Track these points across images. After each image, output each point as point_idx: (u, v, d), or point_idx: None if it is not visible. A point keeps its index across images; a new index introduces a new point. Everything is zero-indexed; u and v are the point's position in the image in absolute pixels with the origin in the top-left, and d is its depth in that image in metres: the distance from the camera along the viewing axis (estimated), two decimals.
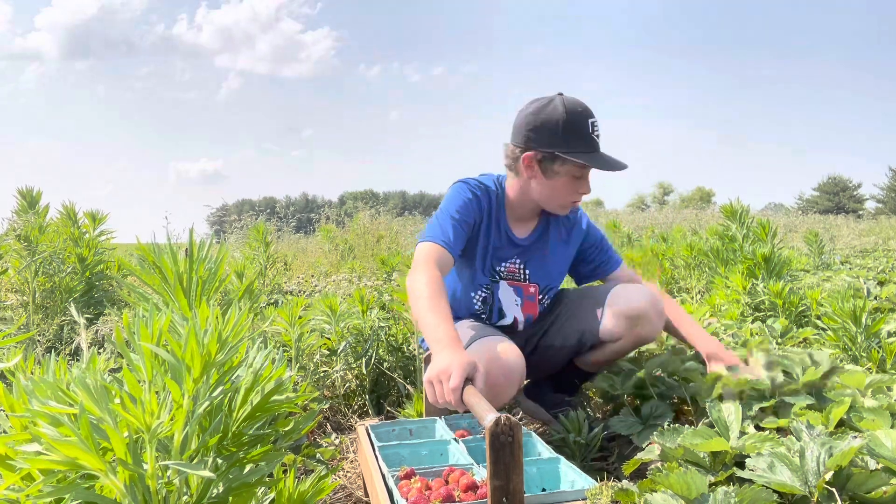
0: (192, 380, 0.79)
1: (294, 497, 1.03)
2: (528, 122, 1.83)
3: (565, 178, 1.84)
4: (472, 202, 1.89)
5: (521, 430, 1.03)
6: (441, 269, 1.76)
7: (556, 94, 1.85)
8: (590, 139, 1.81)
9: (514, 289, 2.01)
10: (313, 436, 2.04)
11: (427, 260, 1.75)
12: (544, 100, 1.85)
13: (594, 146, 1.82)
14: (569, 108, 1.80)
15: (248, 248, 4.60)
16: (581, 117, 1.80)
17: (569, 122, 1.79)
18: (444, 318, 1.58)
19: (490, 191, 1.94)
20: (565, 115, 1.78)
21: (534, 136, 1.82)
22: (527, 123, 1.83)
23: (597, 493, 1.12)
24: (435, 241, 1.80)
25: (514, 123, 1.89)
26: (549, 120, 1.80)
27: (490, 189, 1.95)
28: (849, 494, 1.05)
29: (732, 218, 3.93)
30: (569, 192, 1.87)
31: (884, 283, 3.94)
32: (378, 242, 7.88)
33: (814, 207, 39.49)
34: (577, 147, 1.80)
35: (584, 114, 1.81)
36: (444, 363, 1.43)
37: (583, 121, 1.80)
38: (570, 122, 1.79)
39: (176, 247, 1.04)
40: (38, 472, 0.79)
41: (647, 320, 1.86)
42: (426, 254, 1.78)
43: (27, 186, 3.53)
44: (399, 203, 27.44)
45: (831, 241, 8.61)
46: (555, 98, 1.84)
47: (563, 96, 1.84)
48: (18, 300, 3.06)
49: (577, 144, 1.80)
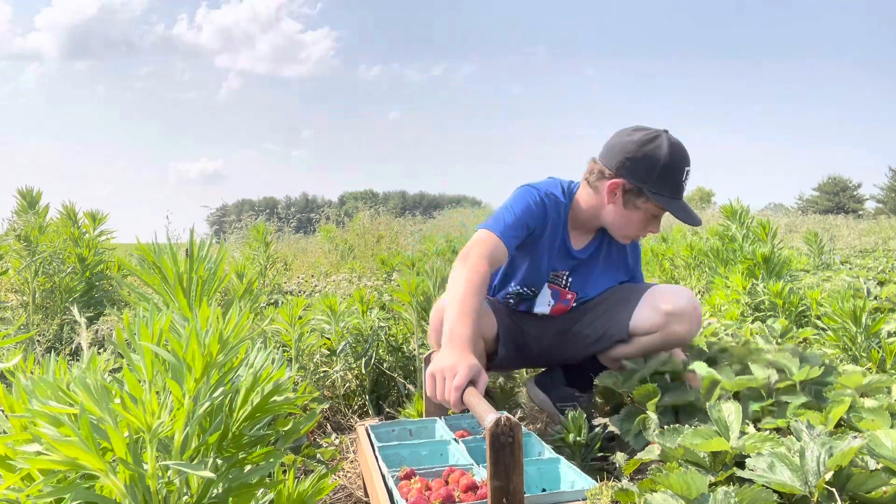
0: (194, 380, 0.79)
1: (294, 497, 1.03)
2: (629, 150, 1.80)
3: (643, 214, 1.85)
4: (536, 209, 1.89)
5: (521, 430, 1.03)
6: (492, 261, 1.76)
7: (663, 131, 1.83)
8: (679, 186, 1.82)
9: (553, 291, 2.02)
10: (313, 436, 2.04)
11: (480, 252, 1.75)
12: (650, 133, 1.82)
13: (679, 193, 1.83)
14: (672, 152, 1.78)
15: (248, 248, 4.60)
16: (681, 163, 1.80)
17: (668, 166, 1.78)
18: (465, 317, 1.59)
19: (559, 202, 1.93)
20: (668, 158, 1.78)
21: (629, 165, 1.80)
22: (626, 151, 1.81)
23: (597, 494, 1.12)
24: (495, 231, 1.81)
25: (609, 143, 1.87)
26: (651, 157, 1.78)
27: (559, 200, 1.93)
28: (849, 494, 1.05)
29: (732, 218, 3.93)
30: (640, 227, 1.89)
31: (884, 283, 3.94)
32: (378, 242, 7.88)
33: (814, 207, 39.47)
34: (665, 190, 1.80)
35: (684, 161, 1.81)
36: (450, 360, 1.44)
37: (681, 167, 1.80)
38: (669, 166, 1.78)
39: (176, 247, 1.04)
40: (39, 472, 0.79)
41: (685, 319, 1.85)
42: (482, 244, 1.78)
43: (27, 186, 3.54)
44: (399, 203, 27.45)
45: (831, 241, 8.61)
46: (661, 135, 1.81)
47: (669, 135, 1.82)
48: (18, 300, 3.06)
49: (666, 188, 1.80)
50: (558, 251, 1.96)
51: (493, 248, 1.78)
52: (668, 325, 1.86)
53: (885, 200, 44.57)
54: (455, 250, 6.64)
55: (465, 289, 1.65)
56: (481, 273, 1.69)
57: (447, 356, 1.47)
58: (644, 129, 1.84)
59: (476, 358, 1.47)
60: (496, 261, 1.79)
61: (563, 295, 2.02)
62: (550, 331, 2.06)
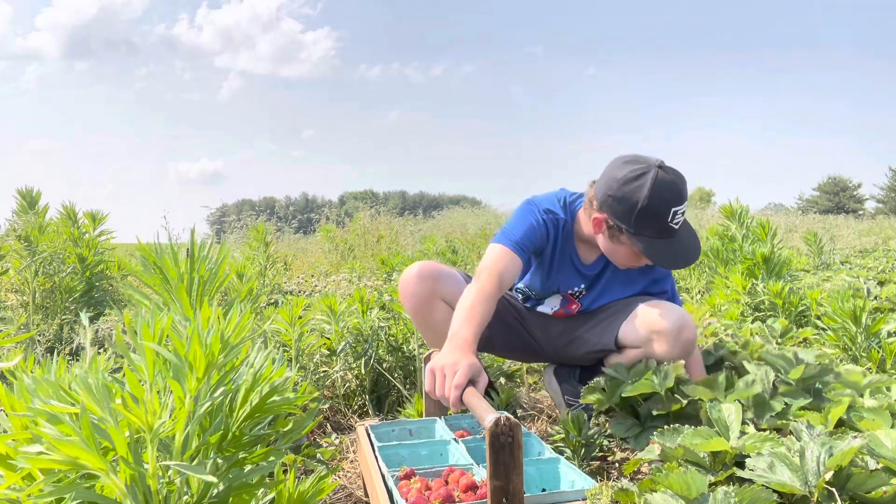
0: (195, 380, 0.79)
1: (294, 497, 1.03)
2: (612, 187, 1.73)
3: (629, 250, 1.80)
4: (538, 227, 1.89)
5: (520, 430, 1.03)
6: (503, 277, 1.78)
7: (655, 166, 1.71)
8: (664, 227, 1.72)
9: (563, 299, 2.04)
10: (313, 436, 2.04)
11: (493, 270, 1.78)
12: (637, 170, 1.71)
13: (667, 233, 1.73)
14: (654, 192, 1.68)
15: (248, 248, 4.60)
16: (664, 205, 1.69)
17: (647, 208, 1.69)
18: (470, 321, 1.62)
19: (558, 220, 1.92)
20: (647, 201, 1.68)
21: (611, 202, 1.74)
22: (609, 187, 1.74)
23: (597, 493, 1.12)
24: (506, 244, 1.84)
25: (603, 171, 1.81)
26: (630, 198, 1.69)
27: (558, 217, 1.92)
28: (849, 494, 1.05)
29: (732, 218, 3.94)
30: (630, 260, 1.85)
31: (884, 283, 3.94)
32: (378, 242, 7.88)
33: (814, 207, 39.44)
34: (647, 231, 1.72)
35: (669, 201, 1.70)
36: (451, 359, 1.46)
37: (663, 209, 1.69)
38: (647, 209, 1.69)
39: (177, 247, 1.04)
40: (39, 471, 0.79)
41: (666, 340, 1.78)
42: (495, 261, 1.81)
43: (27, 186, 3.54)
44: (399, 203, 27.45)
45: (831, 241, 8.61)
46: (648, 172, 1.70)
47: (659, 172, 1.70)
48: (18, 300, 3.06)
49: (647, 229, 1.72)
50: (568, 268, 1.97)
51: (505, 263, 1.80)
52: (649, 344, 1.83)
53: (885, 200, 44.57)
54: (455, 250, 6.64)
55: (475, 299, 1.69)
56: (491, 288, 1.73)
57: (448, 354, 1.49)
58: (636, 162, 1.74)
59: (477, 360, 1.49)
60: (509, 274, 1.81)
61: (570, 304, 2.04)
62: (555, 331, 2.08)
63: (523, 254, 1.85)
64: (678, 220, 1.74)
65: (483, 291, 1.71)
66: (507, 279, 1.80)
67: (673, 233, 1.75)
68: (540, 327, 2.10)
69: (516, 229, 1.88)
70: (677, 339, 1.78)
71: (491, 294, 1.72)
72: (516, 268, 1.83)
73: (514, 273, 1.83)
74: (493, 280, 1.75)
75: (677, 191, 1.72)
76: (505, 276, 1.79)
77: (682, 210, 1.73)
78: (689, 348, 1.80)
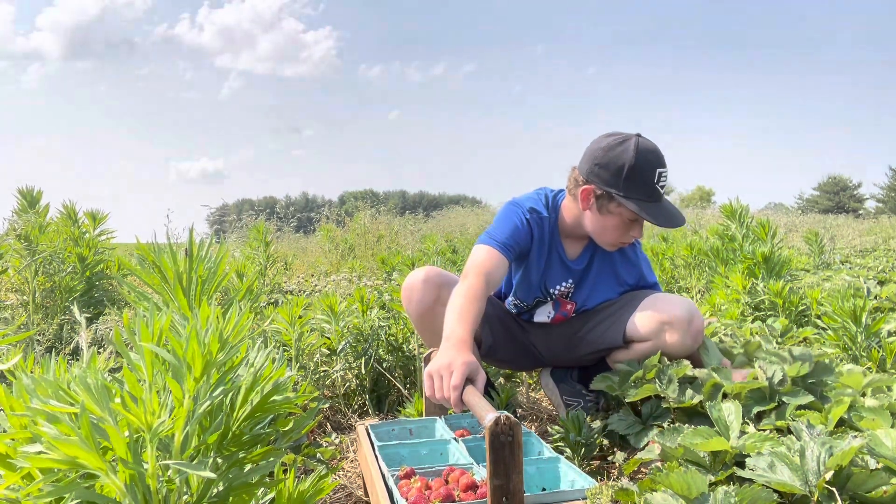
0: (194, 379, 0.79)
1: (294, 496, 1.03)
2: (597, 156, 1.80)
3: (618, 219, 1.82)
4: (522, 228, 1.90)
5: (520, 429, 1.03)
6: (490, 275, 1.78)
7: (635, 135, 1.80)
8: (652, 189, 1.78)
9: (554, 302, 2.04)
10: (313, 435, 2.04)
11: (479, 269, 1.78)
12: (619, 137, 1.80)
13: (655, 196, 1.79)
14: (639, 154, 1.75)
15: (248, 248, 4.60)
16: (649, 165, 1.76)
17: (635, 168, 1.75)
18: (463, 321, 1.62)
19: (542, 218, 1.94)
20: (633, 161, 1.74)
21: (598, 171, 1.79)
22: (594, 157, 1.80)
23: (597, 493, 1.12)
24: (491, 245, 1.84)
25: (585, 150, 1.87)
26: (617, 161, 1.76)
27: (542, 216, 1.94)
28: (849, 494, 1.05)
29: (732, 217, 3.93)
30: (620, 232, 1.85)
31: (884, 282, 3.94)
32: (378, 242, 7.88)
33: (814, 207, 39.48)
34: (636, 194, 1.76)
35: (654, 162, 1.77)
36: (447, 359, 1.46)
37: (649, 169, 1.76)
38: (635, 168, 1.75)
39: (176, 246, 1.04)
40: (39, 471, 0.79)
41: (678, 329, 1.80)
42: (480, 261, 1.81)
43: (27, 186, 3.54)
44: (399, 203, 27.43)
45: (831, 240, 8.61)
46: (631, 139, 1.78)
47: (640, 139, 1.79)
48: (18, 300, 3.06)
49: (637, 191, 1.76)
50: (555, 264, 1.97)
51: (491, 262, 1.81)
52: (661, 334, 1.83)
53: (886, 200, 44.56)
54: (455, 249, 6.64)
55: (464, 300, 1.69)
56: (479, 286, 1.73)
57: (444, 355, 1.49)
58: (615, 134, 1.82)
59: (474, 357, 1.49)
60: (496, 273, 1.81)
61: (564, 306, 2.03)
62: (556, 337, 2.07)
63: (509, 253, 1.85)
64: (662, 183, 1.80)
65: (472, 291, 1.71)
66: (495, 278, 1.80)
67: (659, 196, 1.80)
68: (541, 337, 2.10)
69: (501, 230, 1.88)
70: (689, 328, 1.81)
71: (480, 293, 1.72)
72: (503, 267, 1.83)
73: (500, 273, 1.83)
74: (480, 279, 1.75)
75: (659, 154, 1.80)
76: (492, 275, 1.79)
77: (665, 174, 1.79)
78: (699, 338, 1.84)
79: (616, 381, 1.79)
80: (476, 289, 1.72)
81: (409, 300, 2.00)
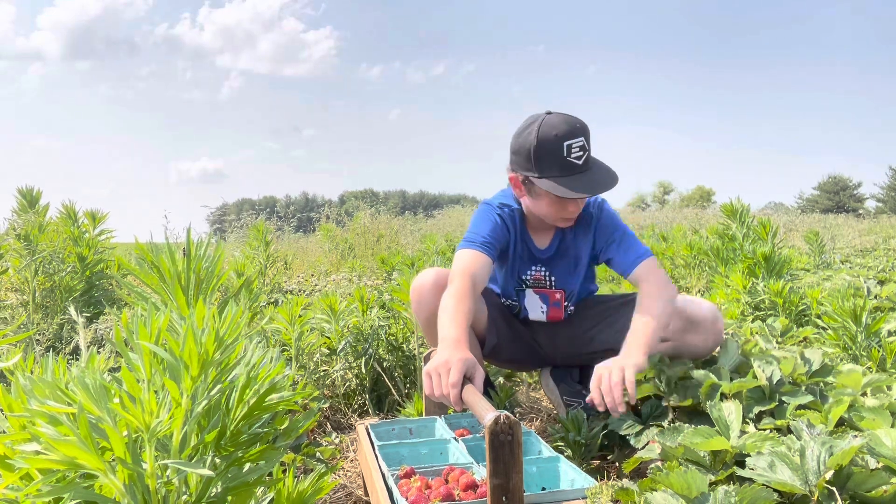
0: (191, 378, 0.79)
1: (293, 496, 1.03)
2: (512, 143, 1.83)
3: (548, 198, 1.81)
4: (499, 224, 1.91)
5: (520, 428, 1.03)
6: (475, 275, 1.79)
7: (544, 114, 1.79)
8: (565, 163, 1.74)
9: (541, 296, 2.03)
10: (313, 435, 2.04)
11: (463, 271, 1.79)
12: (529, 120, 1.81)
13: (571, 168, 1.75)
14: (541, 134, 1.74)
15: (248, 248, 4.60)
16: (554, 142, 1.73)
17: (539, 148, 1.74)
18: (455, 321, 1.63)
19: (513, 210, 1.95)
20: (536, 142, 1.74)
21: (514, 158, 1.82)
22: (511, 145, 1.83)
23: (597, 493, 1.12)
24: (472, 246, 1.86)
25: None
26: (525, 144, 1.77)
27: (513, 208, 1.95)
28: (849, 493, 1.05)
29: (733, 217, 3.93)
30: (556, 209, 1.84)
31: (884, 282, 3.94)
32: (378, 241, 7.88)
33: (814, 207, 39.47)
34: (550, 171, 1.74)
35: (560, 137, 1.73)
36: (443, 358, 1.47)
37: (556, 145, 1.73)
38: (540, 148, 1.74)
39: (175, 246, 1.04)
40: (37, 471, 0.79)
41: (703, 330, 1.80)
42: (464, 264, 1.82)
43: (27, 185, 3.54)
44: (399, 202, 27.43)
45: (831, 240, 8.60)
46: (538, 119, 1.78)
47: (547, 116, 1.78)
48: (18, 299, 3.06)
49: (549, 169, 1.74)
50: (524, 253, 1.99)
51: (475, 263, 1.82)
52: (684, 335, 1.82)
53: (886, 199, 44.53)
54: (455, 249, 6.63)
55: (454, 300, 1.70)
56: (466, 286, 1.74)
57: (441, 354, 1.51)
58: (529, 117, 1.82)
59: (471, 353, 1.50)
60: (481, 272, 1.82)
61: (552, 296, 2.02)
62: (563, 336, 2.07)
63: (490, 250, 1.86)
64: (577, 154, 1.75)
65: (459, 291, 1.72)
66: (480, 277, 1.81)
67: (577, 168, 1.75)
68: (547, 336, 2.09)
69: (478, 230, 1.90)
70: (713, 328, 1.84)
71: (467, 292, 1.73)
72: (487, 266, 1.84)
73: (485, 271, 1.84)
74: (466, 280, 1.76)
75: (566, 127, 1.75)
76: (477, 274, 1.80)
77: (576, 144, 1.75)
78: (721, 339, 1.86)
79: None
80: (463, 289, 1.73)
81: (418, 304, 1.98)
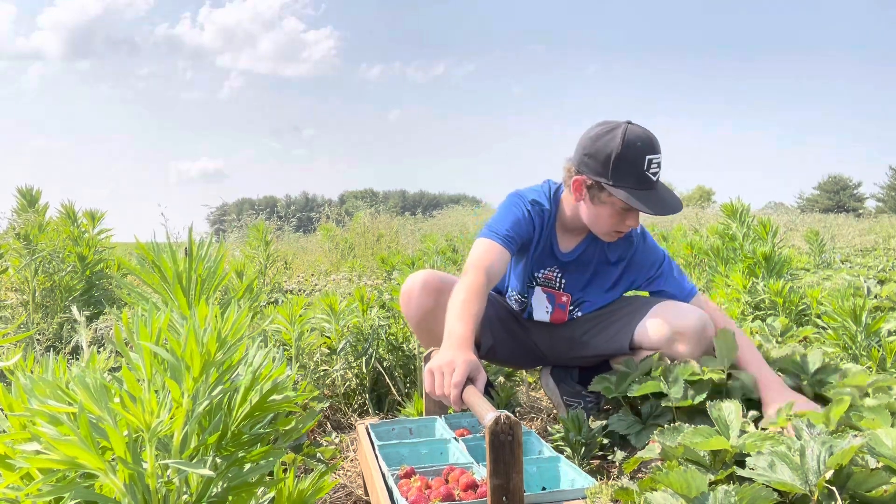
0: (192, 379, 0.79)
1: (294, 496, 1.03)
2: (586, 146, 1.80)
3: (611, 209, 1.81)
4: (524, 220, 1.90)
5: (520, 428, 1.03)
6: (492, 270, 1.78)
7: (625, 122, 1.79)
8: (642, 176, 1.75)
9: (548, 295, 2.02)
10: (313, 435, 2.04)
11: (480, 264, 1.78)
12: (608, 126, 1.79)
13: (647, 183, 1.76)
14: (627, 142, 1.74)
15: (248, 247, 4.60)
16: (637, 153, 1.74)
17: (622, 156, 1.73)
18: (464, 319, 1.61)
19: (543, 210, 1.94)
20: (620, 149, 1.73)
21: (587, 161, 1.79)
22: (584, 147, 1.81)
23: (597, 492, 1.12)
24: (493, 238, 1.84)
25: (577, 141, 1.87)
26: (604, 149, 1.75)
27: (544, 208, 1.94)
28: (849, 493, 1.05)
29: (733, 217, 3.93)
30: (614, 222, 1.83)
31: (884, 281, 3.94)
32: (378, 241, 7.88)
33: (814, 206, 39.45)
34: (625, 182, 1.74)
35: (643, 149, 1.74)
36: (449, 357, 1.46)
37: (638, 156, 1.74)
38: (622, 157, 1.73)
39: (176, 246, 1.04)
40: (38, 471, 0.79)
41: (689, 340, 1.79)
42: (482, 255, 1.81)
43: (27, 185, 3.54)
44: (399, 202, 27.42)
45: (832, 239, 8.60)
46: (620, 126, 1.77)
47: (630, 126, 1.77)
48: (18, 299, 3.06)
49: (626, 179, 1.74)
50: (544, 253, 1.98)
51: (492, 256, 1.80)
52: (672, 344, 1.82)
53: (886, 199, 44.52)
54: (455, 249, 6.64)
55: (465, 295, 1.68)
56: (480, 282, 1.72)
57: (445, 353, 1.50)
58: (605, 122, 1.81)
59: (475, 356, 1.49)
60: (497, 267, 1.81)
61: (559, 298, 2.02)
62: (559, 338, 2.06)
63: (511, 245, 1.85)
64: (654, 170, 1.77)
65: (473, 287, 1.70)
66: (496, 273, 1.80)
67: (651, 184, 1.77)
68: (544, 337, 2.09)
69: (503, 222, 1.88)
70: (701, 339, 1.80)
71: (481, 289, 1.71)
72: (504, 261, 1.83)
73: (502, 266, 1.83)
74: (480, 275, 1.74)
75: (649, 141, 1.77)
76: (493, 269, 1.78)
77: (656, 160, 1.77)
78: (710, 348, 1.82)
79: (613, 383, 1.79)
80: (477, 285, 1.71)
81: (407, 305, 1.99)
